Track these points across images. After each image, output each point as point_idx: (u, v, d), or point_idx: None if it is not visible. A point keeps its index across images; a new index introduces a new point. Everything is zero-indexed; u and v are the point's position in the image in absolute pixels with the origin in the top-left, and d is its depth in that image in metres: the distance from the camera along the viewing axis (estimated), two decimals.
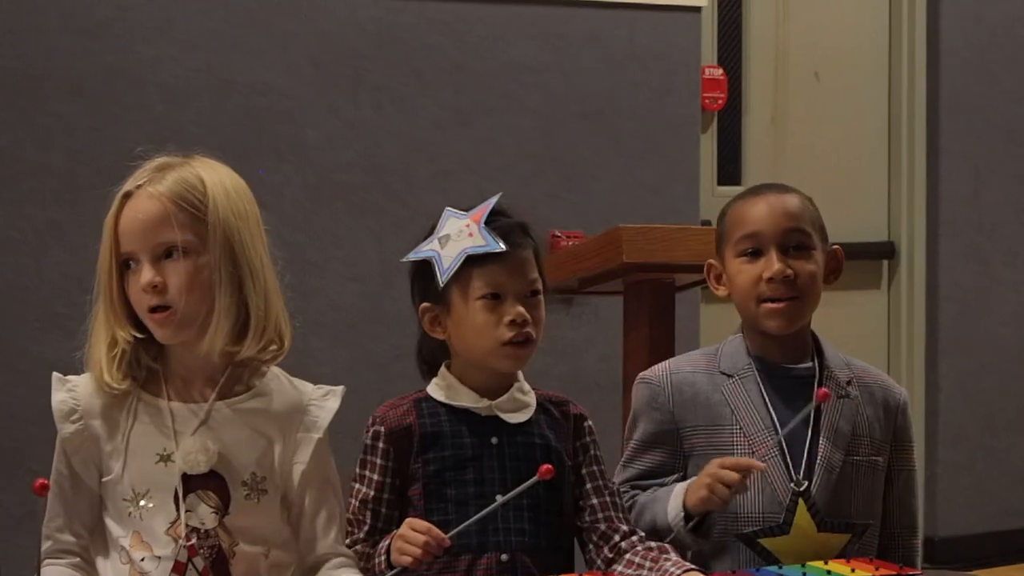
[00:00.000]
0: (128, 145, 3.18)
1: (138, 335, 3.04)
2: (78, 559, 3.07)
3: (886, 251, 7.43)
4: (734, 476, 3.24)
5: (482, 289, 3.23)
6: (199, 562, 3.03)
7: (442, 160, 5.85)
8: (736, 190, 5.29)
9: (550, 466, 3.06)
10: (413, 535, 3.05)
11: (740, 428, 3.53)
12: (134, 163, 3.10)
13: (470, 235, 3.21)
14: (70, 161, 5.17)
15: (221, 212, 3.04)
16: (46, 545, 3.03)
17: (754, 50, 7.11)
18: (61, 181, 4.94)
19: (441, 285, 3.24)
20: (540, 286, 3.29)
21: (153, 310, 3.00)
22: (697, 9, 6.43)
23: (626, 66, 6.23)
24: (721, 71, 6.84)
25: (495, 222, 3.24)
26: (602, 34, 6.18)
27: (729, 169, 6.98)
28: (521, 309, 3.23)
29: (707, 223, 5.62)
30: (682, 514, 3.33)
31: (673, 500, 3.36)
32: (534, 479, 3.05)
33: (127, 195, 3.03)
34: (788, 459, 3.49)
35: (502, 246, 3.19)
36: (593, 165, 6.07)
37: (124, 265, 3.04)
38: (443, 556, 3.09)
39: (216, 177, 3.09)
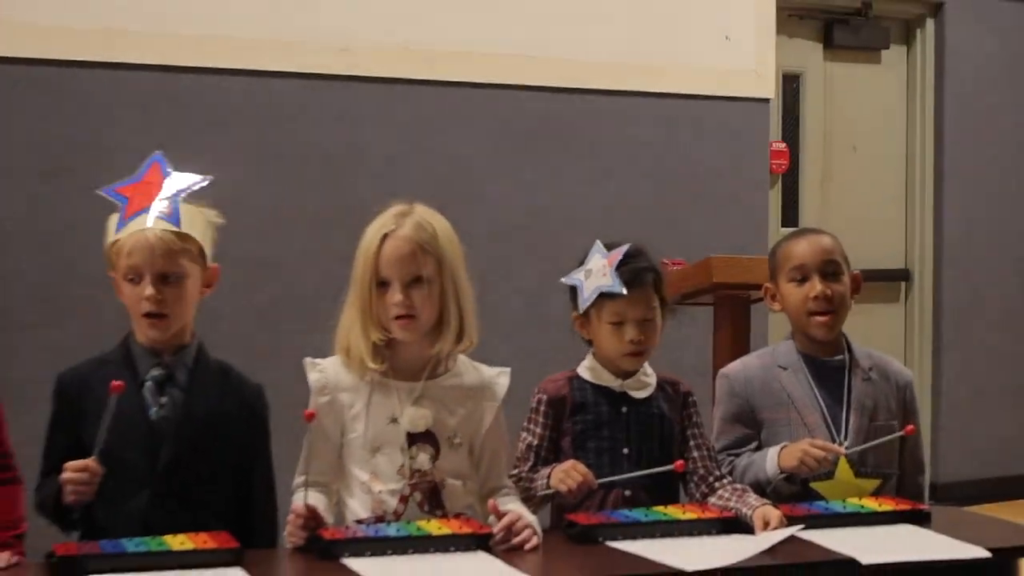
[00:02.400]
0: (370, 199, 3.27)
1: (382, 335, 3.14)
2: (324, 489, 3.15)
3: (903, 275, 7.39)
4: (821, 454, 3.37)
5: (609, 317, 3.34)
6: (418, 495, 3.13)
7: (584, 207, 5.88)
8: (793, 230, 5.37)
9: (683, 462, 3.30)
10: (575, 473, 3.17)
11: (795, 406, 3.59)
12: (376, 209, 3.19)
13: (604, 275, 3.31)
14: (328, 209, 5.26)
15: (447, 251, 3.13)
16: (300, 479, 3.10)
17: (808, 129, 7.08)
18: (326, 230, 4.97)
19: (580, 311, 3.37)
20: (655, 314, 3.38)
21: (398, 317, 3.08)
22: (767, 100, 6.42)
23: (717, 141, 6.24)
24: (784, 144, 6.81)
25: (626, 264, 3.31)
26: (700, 118, 6.20)
27: (790, 215, 6.97)
28: (636, 332, 3.34)
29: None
30: (778, 470, 3.42)
31: (769, 461, 3.47)
32: (670, 467, 3.28)
33: (385, 236, 3.10)
34: (831, 426, 3.55)
35: (623, 291, 3.29)
36: (691, 212, 6.10)
37: (378, 285, 3.11)
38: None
39: (439, 224, 3.17)
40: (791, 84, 6.98)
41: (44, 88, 5.01)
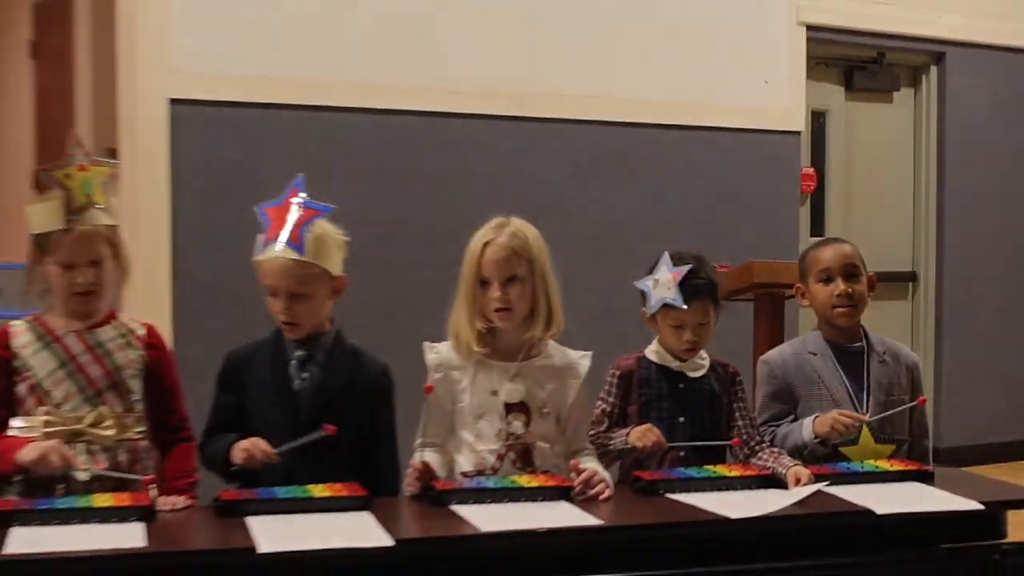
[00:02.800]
0: (473, 214, 3.31)
1: (484, 324, 3.18)
2: (438, 448, 3.19)
3: (911, 277, 7.33)
4: (848, 421, 3.39)
5: (671, 321, 3.36)
6: (512, 455, 3.17)
7: (645, 220, 5.89)
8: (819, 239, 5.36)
9: (739, 439, 3.37)
10: (651, 434, 3.21)
11: (824, 384, 3.58)
12: (478, 222, 3.23)
13: (668, 288, 3.31)
14: (439, 222, 5.30)
15: (536, 254, 3.16)
16: (419, 440, 3.17)
17: (831, 156, 7.04)
18: (436, 239, 4.98)
19: (648, 316, 3.38)
20: (710, 319, 3.38)
21: (498, 310, 3.13)
22: (798, 132, 6.41)
23: (756, 166, 6.23)
24: (812, 169, 6.78)
25: (688, 280, 3.31)
26: (742, 147, 6.19)
27: (816, 226, 6.93)
28: (692, 335, 3.35)
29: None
30: (813, 436, 3.43)
31: (805, 429, 3.46)
32: (727, 443, 3.36)
33: (487, 243, 3.15)
34: (854, 401, 3.55)
35: (683, 305, 3.28)
36: (734, 224, 6.09)
37: (481, 283, 3.15)
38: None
39: (531, 232, 3.20)
40: (818, 119, 6.94)
41: (211, 123, 5.08)
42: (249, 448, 2.98)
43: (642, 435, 3.21)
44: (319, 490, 2.90)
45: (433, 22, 5.50)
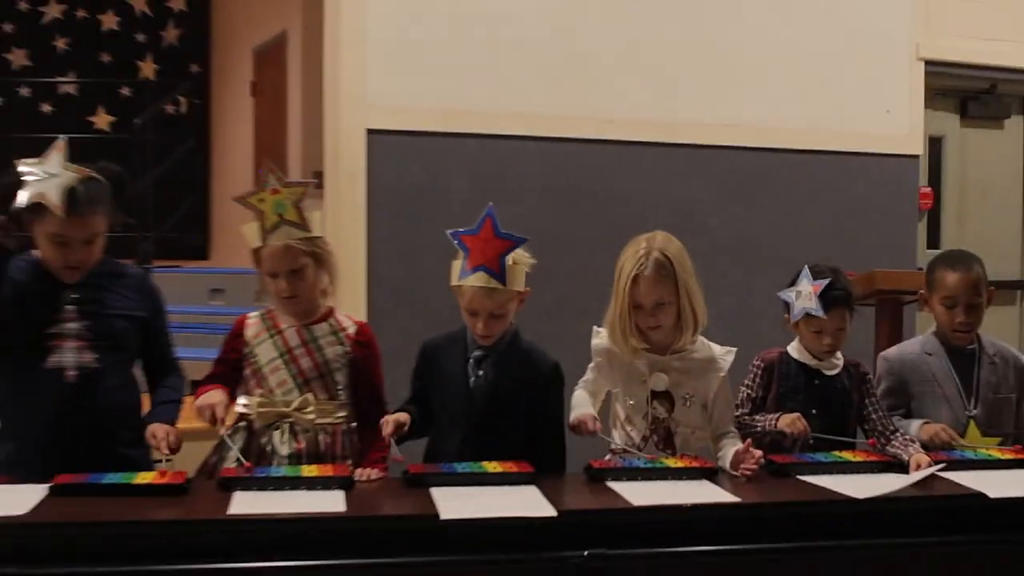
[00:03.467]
0: (627, 227, 3.31)
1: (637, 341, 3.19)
2: (592, 395, 3.31)
3: (1019, 285, 7.11)
4: (946, 437, 3.33)
5: (812, 328, 3.33)
6: (655, 437, 3.17)
7: (779, 234, 5.80)
8: (935, 252, 5.25)
9: (875, 440, 3.29)
10: (798, 423, 3.19)
11: (937, 382, 3.50)
12: (630, 234, 3.24)
13: (809, 299, 3.26)
14: (596, 233, 5.30)
15: (680, 271, 3.13)
16: (581, 382, 3.32)
17: (947, 178, 6.87)
18: (594, 248, 4.97)
19: (792, 323, 3.34)
20: (846, 324, 3.33)
21: (649, 328, 3.16)
22: (917, 156, 6.25)
23: (879, 186, 6.08)
24: (929, 188, 6.62)
25: (827, 292, 3.26)
26: (867, 169, 6.05)
27: (933, 240, 6.76)
28: (831, 340, 3.32)
29: (920, 268, 5.48)
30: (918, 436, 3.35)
31: (913, 429, 3.40)
32: (865, 442, 3.30)
33: (638, 276, 3.13)
34: (963, 397, 3.45)
35: (823, 315, 3.25)
36: (859, 237, 5.95)
37: (634, 306, 3.15)
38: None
39: (674, 249, 3.17)
40: (935, 144, 6.77)
41: (402, 150, 5.14)
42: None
43: (792, 423, 3.17)
44: (492, 466, 2.92)
45: (593, 61, 5.50)
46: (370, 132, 5.09)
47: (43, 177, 2.87)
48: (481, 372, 3.14)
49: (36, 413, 2.95)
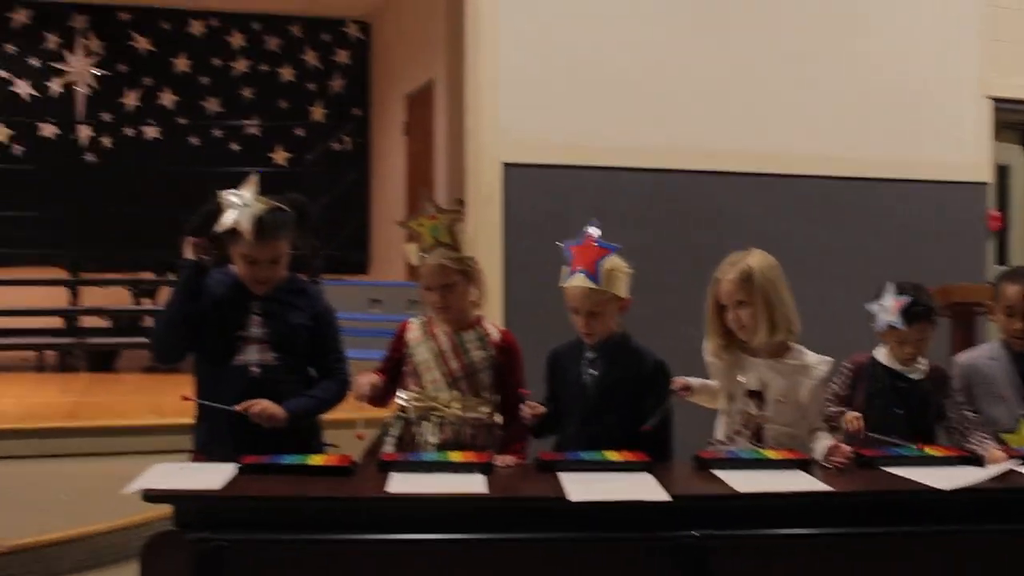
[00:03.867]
0: (727, 246, 3.23)
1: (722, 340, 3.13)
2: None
3: None
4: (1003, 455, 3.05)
5: (895, 339, 3.20)
6: (747, 432, 3.08)
7: (864, 252, 5.63)
8: (1002, 268, 5.06)
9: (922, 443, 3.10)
10: (855, 422, 3.05)
11: (996, 385, 3.38)
12: (729, 251, 3.18)
13: (892, 313, 3.16)
14: (698, 252, 5.21)
15: (759, 281, 3.05)
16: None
17: (1014, 200, 6.64)
18: (696, 265, 4.91)
19: (882, 331, 3.22)
20: (928, 336, 3.22)
21: (733, 326, 3.08)
22: (985, 183, 6.05)
23: (952, 210, 5.89)
24: (997, 211, 6.41)
25: (910, 307, 3.16)
26: (942, 195, 5.86)
27: (1001, 257, 6.53)
28: (913, 349, 3.20)
29: (990, 283, 5.29)
30: None
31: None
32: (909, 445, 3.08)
33: (719, 280, 3.11)
34: (1019, 399, 3.34)
35: (904, 328, 3.15)
36: (936, 254, 5.75)
37: (720, 307, 3.09)
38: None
39: (756, 262, 3.09)
40: (1002, 172, 6.55)
41: (534, 180, 5.14)
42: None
43: (851, 420, 3.06)
44: (612, 455, 2.87)
45: (696, 100, 5.44)
46: (505, 165, 5.10)
47: (238, 206, 2.99)
48: (593, 371, 3.09)
49: (226, 402, 3.00)
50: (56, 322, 9.17)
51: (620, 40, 5.32)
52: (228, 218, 2.97)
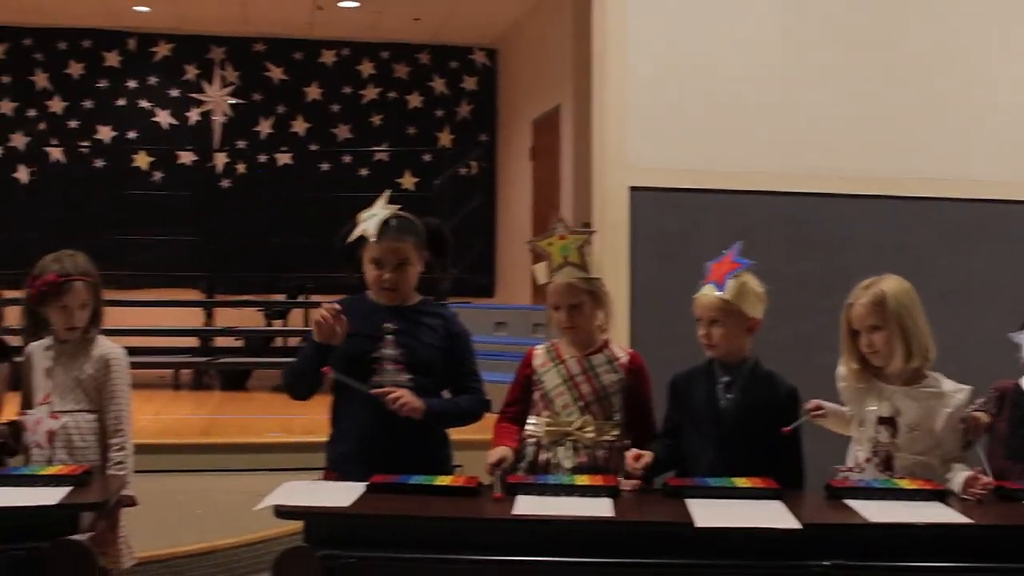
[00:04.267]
0: (856, 272, 3.18)
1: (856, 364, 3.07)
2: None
3: None
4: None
5: None
6: (877, 459, 3.00)
7: (996, 278, 5.46)
8: None
9: None
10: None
11: None
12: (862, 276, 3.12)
13: None
14: (830, 277, 5.12)
15: (893, 307, 2.98)
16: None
17: None
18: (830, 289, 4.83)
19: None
20: None
21: (866, 352, 3.02)
22: None
23: None
24: None
25: None
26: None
27: None
28: None
29: None
30: None
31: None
32: None
33: (852, 304, 3.06)
34: None
35: None
36: None
37: (854, 332, 3.04)
38: None
39: (890, 287, 3.03)
40: None
41: (660, 204, 5.11)
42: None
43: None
44: (741, 482, 2.83)
45: (825, 123, 5.33)
46: (632, 189, 5.09)
47: (368, 217, 3.13)
48: (730, 396, 3.05)
49: (360, 422, 3.07)
50: (191, 342, 9.49)
51: (748, 62, 5.28)
52: (358, 228, 3.11)
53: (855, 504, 2.69)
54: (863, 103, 5.41)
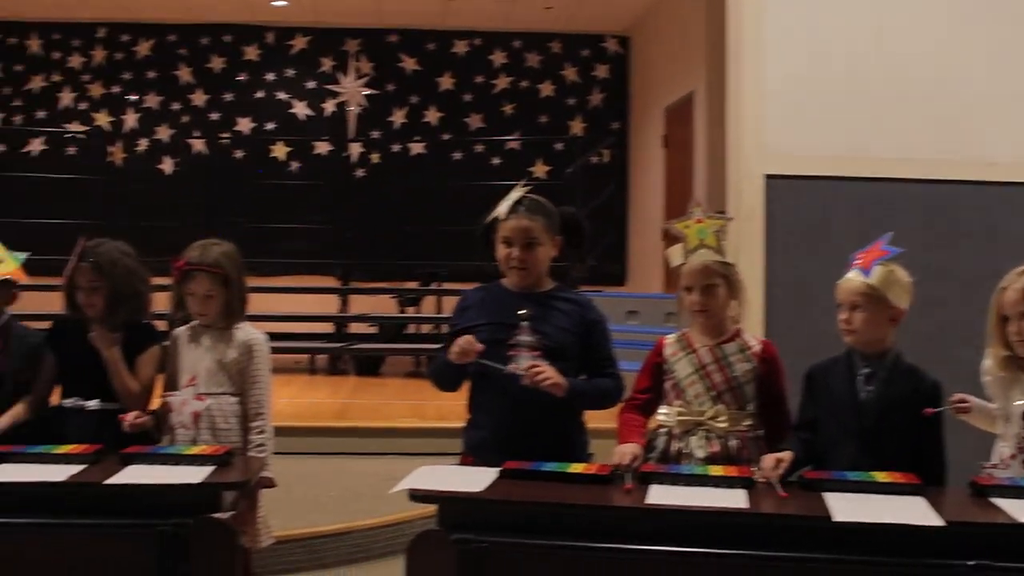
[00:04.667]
0: (1003, 264, 3.07)
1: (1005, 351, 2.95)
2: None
3: None
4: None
5: None
6: (1021, 456, 2.91)
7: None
8: None
9: None
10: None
11: None
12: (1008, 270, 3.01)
13: None
14: (975, 267, 4.96)
15: None
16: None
17: None
18: (977, 281, 4.67)
19: None
20: None
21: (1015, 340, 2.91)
22: None
23: None
24: None
25: None
26: None
27: None
28: None
29: None
30: None
31: None
32: None
33: (1005, 288, 2.95)
34: None
35: None
36: None
37: (1003, 319, 2.93)
38: None
39: None
40: None
41: (796, 192, 5.02)
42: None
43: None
44: (881, 476, 2.76)
45: (974, 107, 5.15)
46: (768, 177, 5.01)
47: (504, 201, 3.20)
48: (870, 388, 2.98)
49: (497, 407, 3.09)
50: (327, 328, 9.72)
51: (889, 45, 5.13)
52: (494, 212, 3.16)
53: (1002, 503, 2.59)
54: (1014, 86, 5.20)
